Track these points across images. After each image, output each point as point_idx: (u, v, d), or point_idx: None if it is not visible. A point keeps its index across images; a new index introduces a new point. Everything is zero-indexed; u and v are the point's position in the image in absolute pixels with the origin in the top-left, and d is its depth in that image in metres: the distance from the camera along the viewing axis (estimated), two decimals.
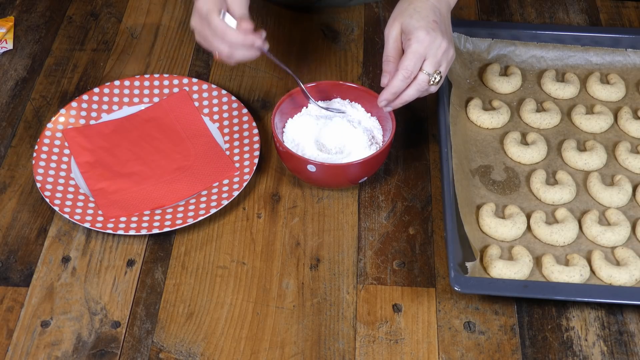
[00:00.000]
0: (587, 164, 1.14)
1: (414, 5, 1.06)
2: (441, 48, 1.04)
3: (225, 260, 1.07)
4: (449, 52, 1.05)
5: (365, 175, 1.11)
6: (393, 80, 1.05)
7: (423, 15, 1.05)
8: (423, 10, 1.05)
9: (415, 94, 1.06)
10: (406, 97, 1.07)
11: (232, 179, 1.13)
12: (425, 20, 1.04)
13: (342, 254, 1.07)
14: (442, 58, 1.05)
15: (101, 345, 0.98)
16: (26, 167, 1.17)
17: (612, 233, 1.05)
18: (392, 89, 1.06)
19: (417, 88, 1.05)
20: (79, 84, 1.29)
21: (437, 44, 1.04)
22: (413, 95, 1.06)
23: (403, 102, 1.07)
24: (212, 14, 1.02)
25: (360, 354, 0.97)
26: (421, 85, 1.05)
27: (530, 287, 0.98)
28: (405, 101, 1.07)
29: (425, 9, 1.06)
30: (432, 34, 1.03)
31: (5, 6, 1.42)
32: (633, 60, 1.28)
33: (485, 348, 0.98)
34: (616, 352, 0.98)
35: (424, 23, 1.04)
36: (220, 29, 1.03)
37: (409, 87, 1.06)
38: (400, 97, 1.07)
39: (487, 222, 1.06)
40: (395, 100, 1.08)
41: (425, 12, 1.05)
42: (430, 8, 1.06)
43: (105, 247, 1.08)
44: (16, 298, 1.02)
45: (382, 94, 1.07)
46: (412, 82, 1.05)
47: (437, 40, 1.03)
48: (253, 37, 1.04)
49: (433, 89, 1.07)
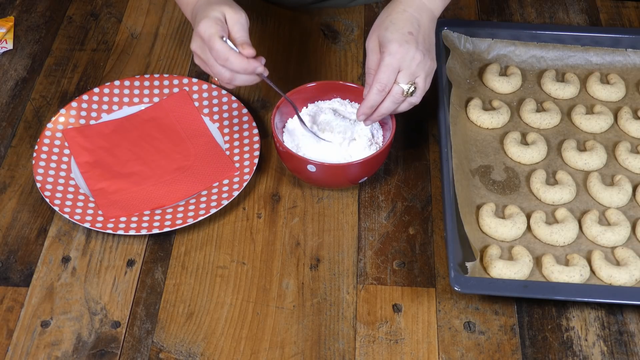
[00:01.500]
0: (587, 164, 1.14)
1: (391, 17, 1.06)
2: (415, 60, 1.03)
3: (225, 260, 1.07)
4: (425, 63, 1.05)
5: (365, 175, 1.11)
6: (368, 94, 1.05)
7: (398, 27, 1.05)
8: (399, 22, 1.05)
9: (392, 106, 1.06)
10: (383, 110, 1.07)
11: (232, 179, 1.13)
12: (399, 33, 1.04)
13: (342, 254, 1.07)
14: (417, 69, 1.04)
15: (101, 345, 0.98)
16: (26, 167, 1.17)
17: (612, 233, 1.05)
18: (368, 103, 1.06)
19: (392, 100, 1.05)
20: (79, 84, 1.29)
21: (411, 56, 1.03)
22: (389, 108, 1.06)
23: (380, 115, 1.08)
24: (214, 39, 1.03)
25: (360, 354, 0.97)
26: (395, 97, 1.05)
27: (530, 287, 0.98)
28: (382, 114, 1.07)
29: (402, 20, 1.05)
30: (405, 46, 1.03)
31: (5, 6, 1.42)
32: (633, 60, 1.28)
33: (485, 348, 0.98)
34: (616, 352, 0.98)
35: (398, 35, 1.04)
36: (223, 54, 1.03)
37: (385, 100, 1.06)
38: (377, 110, 1.07)
39: (487, 222, 1.06)
40: (373, 114, 1.08)
41: (401, 24, 1.05)
42: (407, 19, 1.06)
43: (105, 247, 1.08)
44: (16, 298, 1.02)
45: (360, 108, 1.08)
46: (387, 95, 1.05)
47: (410, 52, 1.03)
48: (255, 64, 1.04)
49: (414, 99, 1.06)
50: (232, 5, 1.06)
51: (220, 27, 1.04)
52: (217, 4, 1.06)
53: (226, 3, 1.07)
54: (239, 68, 1.04)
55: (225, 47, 1.03)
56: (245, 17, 1.06)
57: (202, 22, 1.04)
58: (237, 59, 1.03)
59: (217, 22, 1.04)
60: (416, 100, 1.07)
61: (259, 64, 1.05)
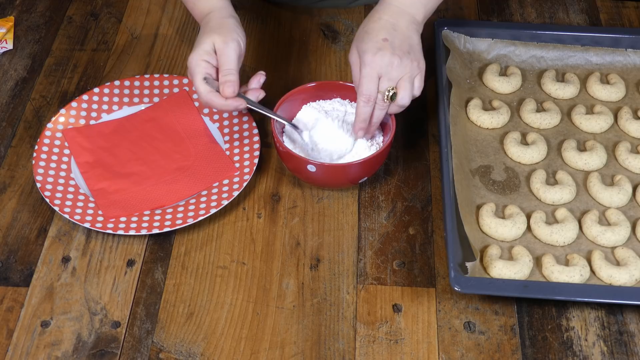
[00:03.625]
0: (587, 164, 1.14)
1: (366, 28, 1.08)
2: (392, 65, 1.04)
3: (225, 260, 1.07)
4: (404, 66, 1.05)
5: (365, 175, 1.11)
6: (357, 108, 1.07)
7: (372, 36, 1.06)
8: (373, 31, 1.06)
9: (381, 113, 1.07)
10: (375, 120, 1.08)
11: (232, 179, 1.13)
12: (372, 42, 1.05)
13: (342, 254, 1.07)
14: (397, 73, 1.05)
15: (101, 345, 0.98)
16: (26, 167, 1.17)
17: (612, 233, 1.05)
18: (360, 117, 1.08)
19: (379, 107, 1.07)
20: (79, 84, 1.29)
21: (387, 62, 1.04)
22: (379, 116, 1.08)
23: (375, 125, 1.09)
24: (196, 79, 1.08)
25: (360, 354, 0.97)
26: (379, 104, 1.06)
27: (530, 287, 0.98)
28: (375, 124, 1.09)
29: (376, 29, 1.06)
30: (379, 53, 1.04)
31: (5, 6, 1.42)
32: (633, 60, 1.28)
33: (485, 348, 0.98)
34: (616, 352, 0.98)
35: (371, 45, 1.05)
36: (203, 97, 1.08)
37: (375, 110, 1.07)
38: (371, 121, 1.08)
39: (487, 222, 1.06)
40: (369, 127, 1.09)
41: (375, 32, 1.06)
42: (381, 27, 1.07)
43: (105, 247, 1.08)
44: (16, 298, 1.02)
45: (355, 125, 1.09)
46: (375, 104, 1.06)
47: (384, 58, 1.04)
48: (235, 104, 1.08)
49: (402, 102, 1.06)
50: (224, 34, 1.09)
51: (207, 64, 1.08)
52: (210, 33, 1.09)
53: (218, 31, 1.09)
54: (219, 107, 1.08)
55: (205, 89, 1.07)
56: (234, 46, 1.08)
57: (191, 56, 1.09)
58: (216, 101, 1.07)
59: (204, 57, 1.08)
60: (405, 102, 1.07)
61: (238, 102, 1.08)
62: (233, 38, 1.09)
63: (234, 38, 1.09)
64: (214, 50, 1.09)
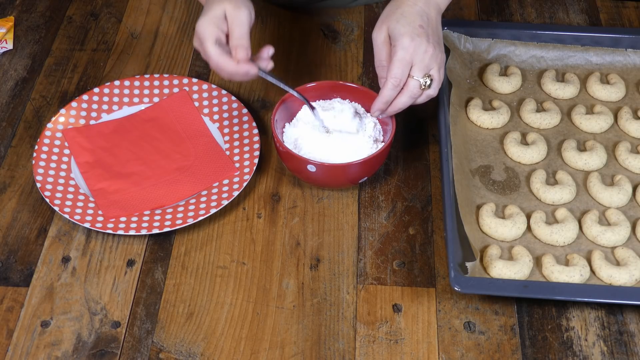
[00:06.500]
0: (587, 164, 1.14)
1: (402, 10, 1.06)
2: (427, 53, 1.04)
3: (225, 260, 1.07)
4: (437, 56, 1.05)
5: (365, 175, 1.11)
6: (383, 89, 1.06)
7: (409, 20, 1.05)
8: (410, 15, 1.05)
9: (408, 101, 1.06)
10: (399, 105, 1.07)
11: (232, 179, 1.13)
12: (411, 26, 1.04)
13: (342, 254, 1.07)
14: (430, 62, 1.05)
15: (101, 345, 0.98)
16: (26, 167, 1.17)
17: (612, 233, 1.05)
18: (383, 99, 1.06)
19: (409, 95, 1.06)
20: (79, 84, 1.29)
21: (423, 49, 1.04)
22: (406, 102, 1.07)
23: (396, 109, 1.08)
24: (207, 43, 1.04)
25: (360, 354, 0.97)
26: (413, 92, 1.05)
27: (530, 287, 0.98)
28: (399, 109, 1.08)
29: (412, 14, 1.06)
30: (417, 39, 1.03)
31: (5, 6, 1.42)
32: (633, 60, 1.28)
33: (485, 348, 0.98)
34: (616, 352, 0.98)
35: (410, 29, 1.04)
36: (214, 60, 1.04)
37: (401, 95, 1.06)
38: (393, 104, 1.07)
39: (487, 222, 1.06)
40: (388, 109, 1.08)
41: (412, 17, 1.05)
42: (417, 12, 1.06)
43: (105, 247, 1.08)
44: (16, 298, 1.02)
45: (375, 103, 1.08)
46: (403, 89, 1.05)
47: (422, 45, 1.04)
48: (246, 67, 1.05)
49: (432, 92, 1.06)
50: (235, 1, 1.06)
51: (217, 29, 1.04)
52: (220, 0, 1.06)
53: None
54: (230, 71, 1.05)
55: (216, 52, 1.04)
56: (246, 13, 1.06)
57: (200, 21, 1.05)
58: (228, 64, 1.04)
59: (215, 22, 1.04)
60: (434, 93, 1.07)
61: (250, 66, 1.05)
62: (245, 5, 1.07)
63: (246, 5, 1.07)
64: (225, 17, 1.06)
